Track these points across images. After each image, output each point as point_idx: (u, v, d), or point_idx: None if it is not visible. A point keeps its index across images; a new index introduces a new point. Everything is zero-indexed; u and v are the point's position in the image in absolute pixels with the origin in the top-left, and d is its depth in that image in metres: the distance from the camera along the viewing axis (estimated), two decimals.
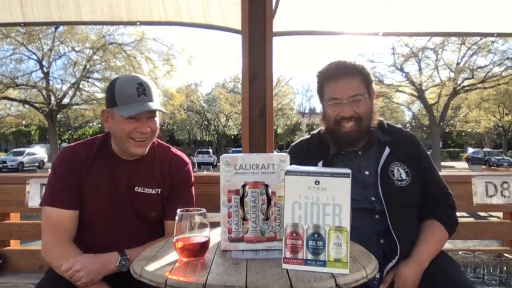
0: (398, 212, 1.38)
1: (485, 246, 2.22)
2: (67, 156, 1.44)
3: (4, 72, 19.04)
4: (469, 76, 22.82)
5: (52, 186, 1.41)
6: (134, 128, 1.37)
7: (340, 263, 0.86)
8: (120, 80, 1.40)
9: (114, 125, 1.40)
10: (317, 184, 0.87)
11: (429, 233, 1.42)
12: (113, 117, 1.40)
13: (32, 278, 1.85)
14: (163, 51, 20.98)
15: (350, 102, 1.42)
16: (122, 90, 1.36)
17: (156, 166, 1.49)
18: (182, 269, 0.90)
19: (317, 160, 1.52)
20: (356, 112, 1.43)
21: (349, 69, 1.45)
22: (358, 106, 1.43)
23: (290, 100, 36.58)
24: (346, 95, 1.42)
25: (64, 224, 1.37)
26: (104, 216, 1.43)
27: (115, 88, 1.38)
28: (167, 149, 1.57)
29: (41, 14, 2.33)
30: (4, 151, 36.28)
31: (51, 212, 1.37)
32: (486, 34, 2.56)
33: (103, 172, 1.44)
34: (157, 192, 1.47)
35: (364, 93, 1.45)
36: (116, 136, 1.43)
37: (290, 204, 0.88)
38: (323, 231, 0.87)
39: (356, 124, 1.44)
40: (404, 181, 1.43)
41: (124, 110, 1.33)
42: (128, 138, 1.38)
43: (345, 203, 0.86)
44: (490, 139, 40.05)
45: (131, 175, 1.46)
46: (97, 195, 1.42)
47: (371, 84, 1.50)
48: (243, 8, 2.14)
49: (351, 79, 1.44)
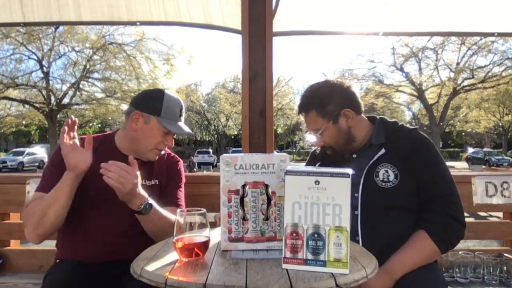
0: (376, 212, 1.35)
1: (485, 246, 2.22)
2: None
3: (4, 72, 19.07)
4: (469, 76, 22.85)
5: (45, 174, 1.45)
6: (162, 141, 1.51)
7: (340, 263, 0.86)
8: (169, 97, 1.53)
9: (145, 130, 1.50)
10: (317, 184, 0.87)
11: (410, 243, 1.31)
12: (148, 123, 1.49)
13: (32, 278, 1.85)
14: (163, 51, 21.04)
15: (317, 135, 1.50)
16: (170, 105, 1.51)
17: (154, 162, 1.58)
18: (182, 269, 0.90)
19: (317, 161, 1.61)
20: (326, 142, 1.50)
21: (303, 106, 1.53)
22: (323, 137, 1.50)
23: (290, 100, 36.58)
24: (310, 129, 1.53)
25: None
26: (103, 206, 1.44)
27: (163, 101, 1.50)
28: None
29: (41, 14, 2.33)
30: (4, 151, 36.27)
31: (35, 196, 1.39)
32: (486, 34, 2.56)
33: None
34: (155, 183, 1.56)
35: (322, 125, 1.48)
36: (142, 140, 1.51)
37: (290, 204, 0.88)
38: (323, 231, 0.87)
39: (333, 150, 1.51)
40: (390, 183, 1.38)
41: (169, 125, 1.49)
42: (153, 148, 1.51)
43: (345, 203, 0.86)
44: (490, 139, 40.05)
45: None
46: (96, 186, 1.41)
47: (334, 107, 1.47)
48: (243, 8, 2.14)
49: (306, 116, 1.53)
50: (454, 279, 1.70)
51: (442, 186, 1.37)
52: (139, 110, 1.49)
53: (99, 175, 1.38)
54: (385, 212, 1.36)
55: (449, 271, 1.72)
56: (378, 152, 1.43)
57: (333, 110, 1.47)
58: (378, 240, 1.33)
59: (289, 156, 1.11)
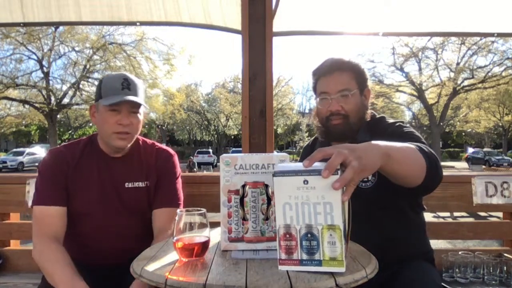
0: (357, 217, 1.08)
1: (485, 246, 2.22)
2: (50, 157, 1.46)
3: (4, 72, 19.08)
4: (469, 76, 22.85)
5: (37, 187, 1.43)
6: (115, 121, 1.39)
7: (335, 261, 0.85)
8: (107, 76, 1.46)
9: (99, 118, 1.43)
10: (305, 184, 0.85)
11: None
12: (98, 110, 1.44)
13: (32, 278, 1.86)
14: (163, 51, 21.06)
15: (338, 98, 1.41)
16: (108, 83, 1.41)
17: (142, 160, 1.52)
18: (182, 269, 0.90)
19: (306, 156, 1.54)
20: (343, 108, 1.41)
21: (340, 64, 1.44)
22: (345, 102, 1.41)
23: (290, 100, 36.63)
24: (334, 90, 1.41)
25: (49, 220, 1.37)
26: (95, 213, 1.44)
27: (102, 83, 1.43)
28: (152, 144, 1.60)
29: (41, 14, 2.33)
30: (4, 151, 36.27)
31: (36, 210, 1.38)
32: (486, 34, 2.56)
33: (92, 170, 1.46)
34: (146, 185, 1.50)
35: (353, 89, 1.42)
36: (100, 130, 1.45)
37: (281, 205, 0.87)
38: (316, 231, 0.86)
39: (343, 121, 1.42)
40: (369, 182, 1.35)
41: (106, 100, 1.37)
42: (112, 133, 1.40)
43: (335, 201, 0.84)
44: (490, 139, 40.06)
45: (121, 172, 1.48)
46: (87, 193, 1.43)
47: (365, 82, 1.47)
48: (243, 8, 2.14)
49: (341, 74, 1.42)
50: (454, 279, 1.70)
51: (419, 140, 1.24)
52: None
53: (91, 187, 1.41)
54: (365, 215, 1.23)
55: (449, 271, 1.72)
56: None
57: (363, 83, 1.46)
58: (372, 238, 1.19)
59: (289, 156, 1.11)
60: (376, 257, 0.99)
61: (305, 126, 39.33)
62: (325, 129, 1.47)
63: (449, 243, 4.42)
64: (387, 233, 1.34)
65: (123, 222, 1.46)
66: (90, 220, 1.44)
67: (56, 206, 1.39)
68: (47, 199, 1.38)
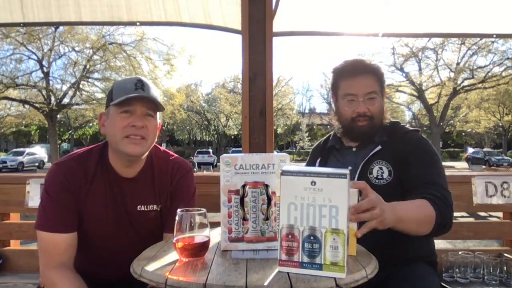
0: None
1: (485, 246, 2.22)
2: (60, 175, 1.29)
3: (4, 72, 19.04)
4: (469, 76, 22.83)
5: (44, 208, 1.28)
6: (128, 124, 1.24)
7: (336, 266, 0.84)
8: (119, 81, 1.34)
9: (109, 125, 1.28)
10: (313, 185, 0.84)
11: (410, 200, 1.24)
12: (109, 116, 1.29)
13: (32, 278, 1.86)
14: (163, 51, 21.01)
15: (365, 100, 1.45)
16: (120, 85, 1.29)
17: (156, 180, 1.39)
18: (182, 269, 0.90)
19: (319, 156, 1.62)
20: (370, 110, 1.46)
21: (366, 66, 1.48)
22: (372, 104, 1.46)
23: (290, 100, 36.60)
24: (362, 92, 1.45)
25: (58, 248, 1.25)
26: (106, 236, 1.36)
27: (113, 86, 1.31)
28: (165, 156, 1.45)
29: (41, 14, 2.33)
30: (4, 151, 36.23)
31: (43, 236, 1.25)
32: (485, 35, 2.56)
33: (104, 193, 1.33)
34: (159, 208, 1.39)
35: (378, 92, 1.47)
36: (111, 138, 1.29)
37: (286, 205, 0.86)
38: (319, 233, 0.84)
39: (369, 122, 1.47)
40: (384, 180, 1.39)
41: (117, 99, 1.23)
42: (123, 138, 1.24)
43: (342, 205, 0.83)
44: (490, 139, 40.04)
45: (133, 195, 1.36)
46: (98, 217, 1.33)
47: (384, 84, 1.52)
48: (243, 8, 2.14)
49: (367, 77, 1.47)
50: (454, 279, 1.70)
51: (441, 179, 1.35)
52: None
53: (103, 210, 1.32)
54: None
55: (449, 271, 1.72)
56: (375, 148, 1.44)
57: (383, 85, 1.51)
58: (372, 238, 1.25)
59: (289, 156, 1.11)
60: (377, 257, 1.01)
61: (305, 126, 39.35)
62: (348, 129, 1.52)
63: (449, 243, 4.42)
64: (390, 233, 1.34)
65: (132, 243, 1.35)
66: (99, 242, 1.37)
67: (65, 233, 1.26)
68: (57, 225, 1.25)
